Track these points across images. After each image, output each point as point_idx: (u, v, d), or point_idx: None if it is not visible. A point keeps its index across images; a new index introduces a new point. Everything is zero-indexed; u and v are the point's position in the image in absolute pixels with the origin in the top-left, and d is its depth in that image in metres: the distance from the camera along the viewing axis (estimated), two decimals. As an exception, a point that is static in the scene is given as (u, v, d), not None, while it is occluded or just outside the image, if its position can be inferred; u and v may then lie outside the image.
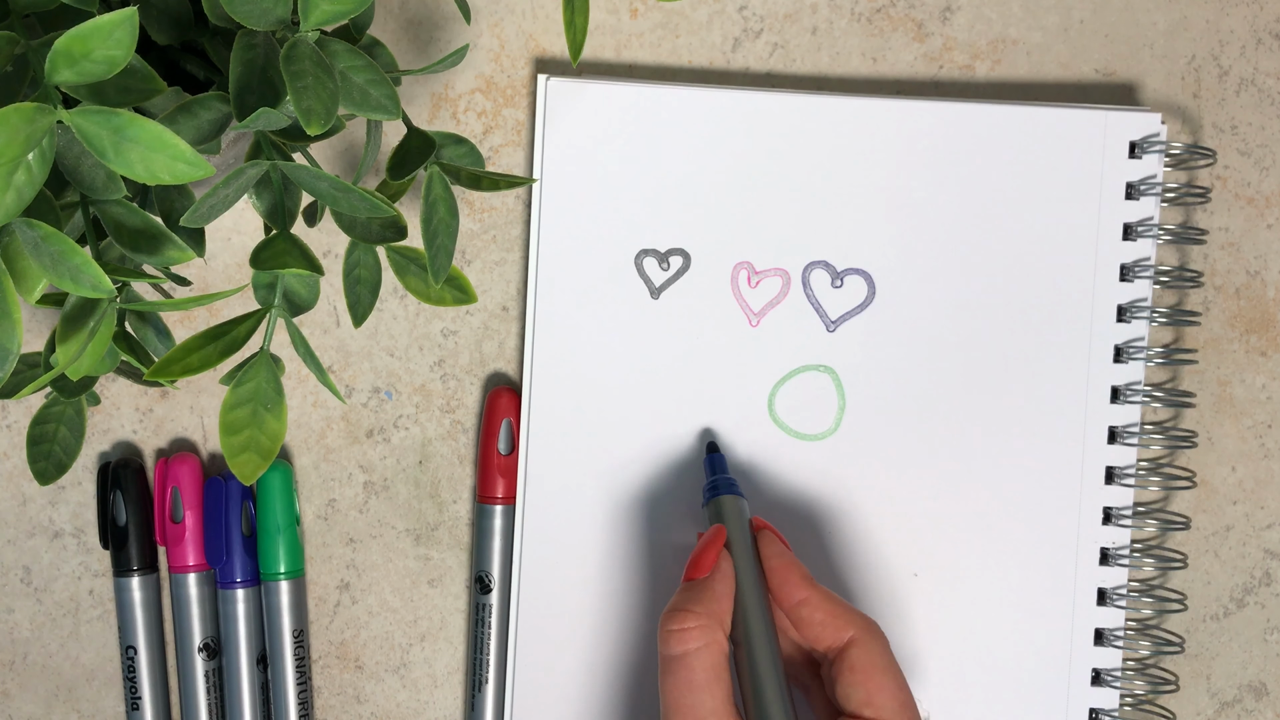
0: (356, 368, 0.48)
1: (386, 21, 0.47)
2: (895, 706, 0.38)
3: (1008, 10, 0.48)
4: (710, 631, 0.39)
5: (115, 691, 0.49)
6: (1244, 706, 0.49)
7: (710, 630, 0.39)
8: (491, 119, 0.48)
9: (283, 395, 0.34)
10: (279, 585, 0.47)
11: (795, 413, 0.47)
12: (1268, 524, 0.49)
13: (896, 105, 0.47)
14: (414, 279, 0.38)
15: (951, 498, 0.47)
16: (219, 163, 0.38)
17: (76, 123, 0.27)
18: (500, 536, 0.47)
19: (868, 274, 0.47)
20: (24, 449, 0.44)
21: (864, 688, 0.39)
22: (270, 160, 0.32)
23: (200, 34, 0.35)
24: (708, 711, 0.38)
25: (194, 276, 0.47)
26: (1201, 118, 0.49)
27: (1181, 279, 0.47)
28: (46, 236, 0.28)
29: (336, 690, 0.49)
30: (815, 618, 0.40)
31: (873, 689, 0.39)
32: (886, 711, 0.38)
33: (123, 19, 0.26)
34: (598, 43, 0.48)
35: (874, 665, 0.39)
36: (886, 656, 0.39)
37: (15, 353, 0.28)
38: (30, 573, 0.48)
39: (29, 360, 0.36)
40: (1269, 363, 0.49)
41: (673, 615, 0.39)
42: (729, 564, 0.41)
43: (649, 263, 0.47)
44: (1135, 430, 0.47)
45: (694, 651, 0.39)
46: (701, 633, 0.39)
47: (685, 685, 0.38)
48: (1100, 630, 0.47)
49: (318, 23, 0.30)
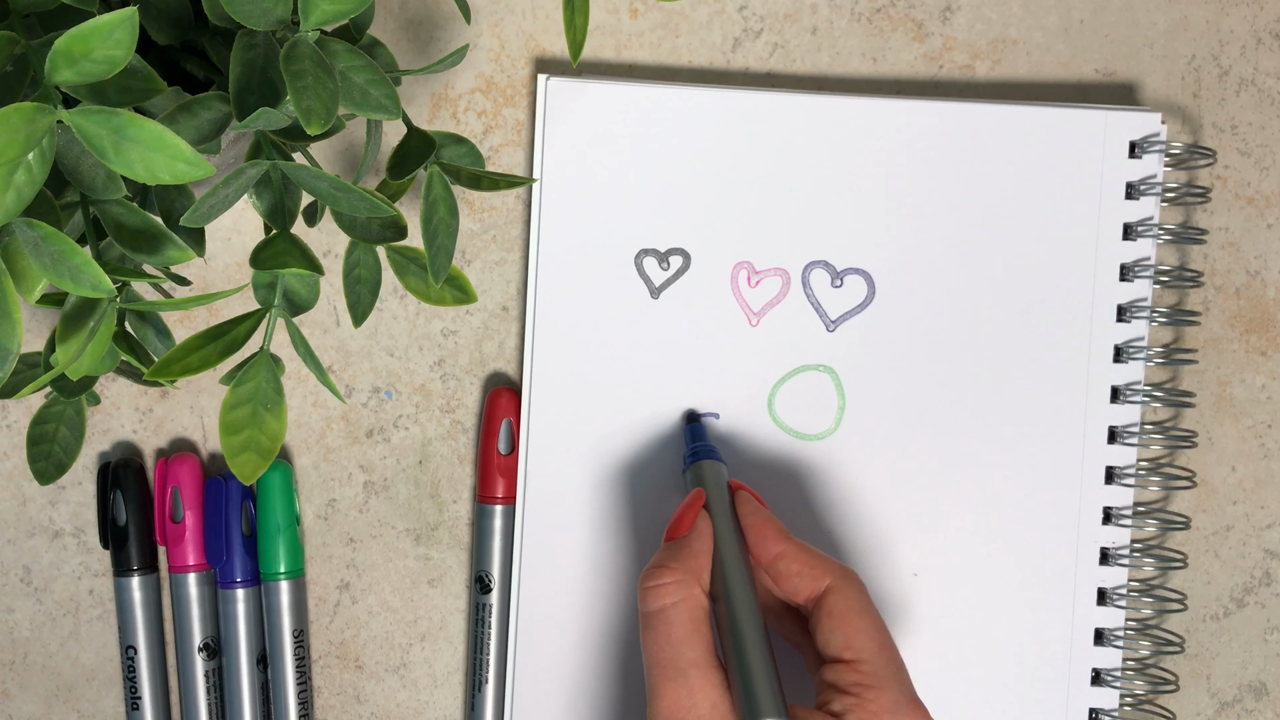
0: (356, 368, 0.48)
1: (386, 21, 0.47)
2: (874, 648, 0.39)
3: (1008, 10, 0.48)
4: (686, 586, 0.39)
5: (115, 691, 0.49)
6: (1244, 706, 0.49)
7: (686, 585, 0.39)
8: (491, 119, 0.48)
9: (283, 395, 0.34)
10: (279, 585, 0.47)
11: (795, 412, 0.47)
12: (1268, 524, 0.49)
13: (896, 105, 0.47)
14: (414, 279, 0.38)
15: (951, 497, 0.47)
16: (219, 163, 0.38)
17: (76, 123, 0.27)
18: (500, 536, 0.47)
19: (867, 274, 0.47)
20: (24, 449, 0.44)
21: (842, 632, 0.39)
22: (270, 160, 0.32)
23: (200, 34, 0.35)
24: (688, 663, 0.38)
25: (194, 276, 0.47)
26: (1201, 118, 0.49)
27: (1181, 279, 0.47)
28: (46, 236, 0.28)
29: (336, 690, 0.49)
30: (792, 569, 0.40)
31: (850, 632, 0.39)
32: (865, 653, 0.38)
33: (123, 19, 0.26)
34: (598, 43, 0.48)
35: (850, 609, 0.39)
36: (864, 601, 0.40)
37: (15, 353, 0.28)
38: (30, 573, 0.48)
39: (29, 360, 0.36)
40: (1269, 363, 0.49)
41: (650, 572, 0.40)
42: (707, 523, 0.42)
43: (649, 262, 0.47)
44: (1135, 430, 0.47)
45: (671, 606, 0.39)
46: (678, 587, 0.39)
47: (665, 639, 0.39)
48: (1100, 630, 0.47)
49: (318, 23, 0.30)
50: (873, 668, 0.38)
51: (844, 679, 0.38)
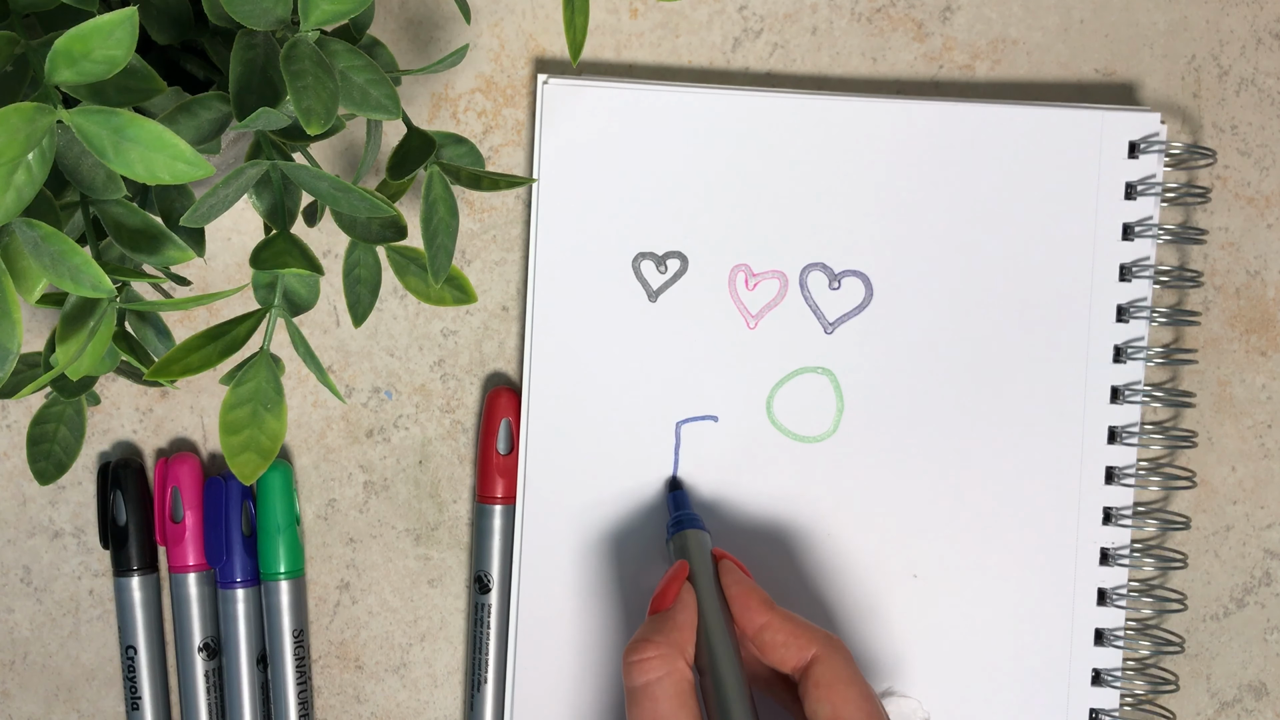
0: (356, 368, 0.48)
1: (386, 21, 0.47)
2: (861, 718, 0.39)
3: (1008, 10, 0.48)
4: (671, 660, 0.39)
5: (115, 691, 0.49)
6: (1244, 706, 0.49)
7: (671, 659, 0.39)
8: (491, 119, 0.48)
9: (283, 395, 0.34)
10: (279, 585, 0.47)
11: (793, 414, 0.47)
12: (1268, 524, 0.49)
13: (896, 105, 0.47)
14: (414, 279, 0.38)
15: (951, 498, 0.47)
16: (219, 163, 0.38)
17: (76, 122, 0.27)
18: (500, 536, 0.47)
19: (865, 276, 0.47)
20: (24, 449, 0.44)
21: (829, 702, 0.39)
22: (270, 160, 0.32)
23: (200, 34, 0.35)
24: None
25: (194, 276, 0.47)
26: (1201, 118, 0.49)
27: (1181, 279, 0.47)
28: (46, 236, 0.28)
29: (336, 690, 0.49)
30: (777, 640, 0.41)
31: (838, 702, 0.39)
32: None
33: (123, 19, 0.26)
34: (598, 43, 0.48)
35: (838, 679, 0.39)
36: (850, 669, 0.40)
37: (15, 353, 0.28)
38: (30, 573, 0.48)
39: (29, 360, 0.36)
40: (1269, 363, 0.49)
41: (634, 647, 0.40)
42: (691, 595, 0.42)
43: (646, 266, 0.47)
44: (1135, 430, 0.47)
45: (656, 681, 0.39)
46: (662, 661, 0.39)
47: (651, 714, 0.38)
48: (1100, 630, 0.47)
49: (318, 22, 0.30)
50: None
51: None
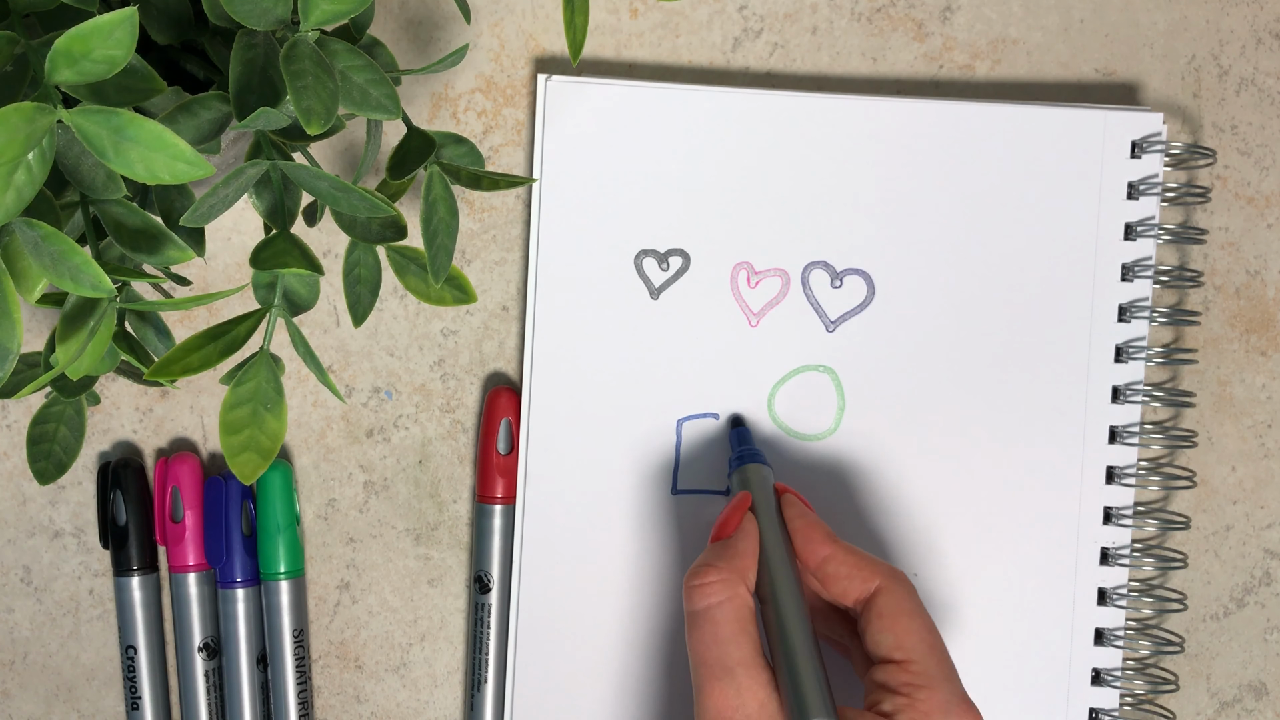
0: (356, 368, 0.48)
1: (386, 21, 0.47)
2: (924, 648, 0.38)
3: (1008, 10, 0.48)
4: (732, 585, 0.39)
5: (115, 691, 0.49)
6: (1244, 706, 0.49)
7: (732, 584, 0.39)
8: (491, 119, 0.48)
9: (283, 395, 0.34)
10: (279, 585, 0.47)
11: (795, 413, 0.47)
12: (1268, 524, 0.49)
13: (896, 105, 0.47)
14: (414, 279, 0.38)
15: (951, 497, 0.47)
16: (219, 163, 0.38)
17: (76, 122, 0.27)
18: (500, 536, 0.47)
19: (867, 274, 0.47)
20: (24, 449, 0.44)
21: (892, 632, 0.39)
22: (270, 160, 0.32)
23: (200, 34, 0.35)
24: (735, 662, 0.38)
25: (194, 276, 0.47)
26: (1201, 117, 0.49)
27: (1181, 279, 0.47)
28: (46, 236, 0.28)
29: (336, 690, 0.49)
30: (840, 572, 0.40)
31: (900, 632, 0.39)
32: (916, 653, 0.38)
33: (123, 19, 0.26)
34: (598, 42, 0.48)
35: (900, 610, 0.39)
36: (913, 601, 0.40)
37: (15, 352, 0.28)
38: (30, 572, 0.48)
39: (29, 360, 0.36)
40: (1269, 362, 0.49)
41: (696, 571, 0.40)
42: (753, 525, 0.41)
43: (648, 263, 0.47)
44: (1135, 430, 0.47)
45: (717, 605, 0.39)
46: (724, 586, 0.39)
47: (711, 638, 0.38)
48: (1100, 630, 0.47)
49: (318, 22, 0.30)
50: (924, 668, 0.38)
51: (895, 679, 0.38)
